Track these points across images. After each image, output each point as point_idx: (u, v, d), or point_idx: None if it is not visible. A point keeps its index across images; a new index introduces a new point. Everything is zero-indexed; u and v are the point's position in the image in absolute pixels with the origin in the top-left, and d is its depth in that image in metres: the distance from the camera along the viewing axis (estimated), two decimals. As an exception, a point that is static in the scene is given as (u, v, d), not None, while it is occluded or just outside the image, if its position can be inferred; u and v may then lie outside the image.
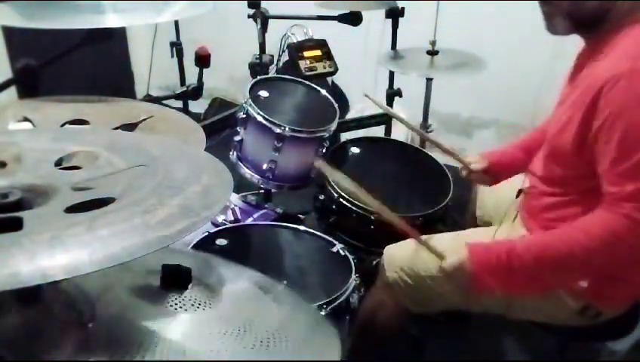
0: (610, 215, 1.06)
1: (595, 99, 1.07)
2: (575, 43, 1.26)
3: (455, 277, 1.18)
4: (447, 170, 1.85)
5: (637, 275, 1.22)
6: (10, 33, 2.54)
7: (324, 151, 1.78)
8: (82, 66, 2.02)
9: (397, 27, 2.25)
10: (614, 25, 1.13)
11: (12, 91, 1.27)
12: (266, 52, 2.09)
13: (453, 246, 1.21)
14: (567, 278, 1.21)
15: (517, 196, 1.41)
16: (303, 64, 2.06)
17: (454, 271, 1.17)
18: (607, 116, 1.06)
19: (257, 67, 2.02)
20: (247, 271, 0.91)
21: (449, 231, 1.45)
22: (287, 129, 1.64)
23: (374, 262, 1.53)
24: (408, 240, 1.42)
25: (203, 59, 1.77)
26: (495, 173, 1.53)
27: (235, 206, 1.86)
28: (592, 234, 1.08)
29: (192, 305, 0.73)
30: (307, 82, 1.91)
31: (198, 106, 2.90)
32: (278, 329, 0.72)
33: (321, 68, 2.09)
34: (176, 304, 0.73)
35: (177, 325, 0.69)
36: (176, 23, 2.76)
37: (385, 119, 2.41)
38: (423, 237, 1.26)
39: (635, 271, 1.21)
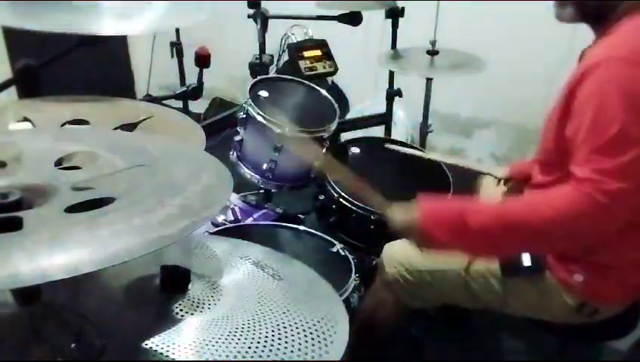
0: (574, 191, 1.05)
1: (576, 86, 1.09)
2: (578, 43, 1.27)
3: (406, 230, 1.17)
4: (447, 170, 1.85)
5: (632, 272, 1.22)
6: (10, 33, 2.54)
7: (324, 151, 1.78)
8: (82, 66, 2.01)
9: (397, 27, 2.25)
10: (620, 18, 1.14)
11: (12, 91, 1.26)
12: (266, 52, 2.09)
13: None
14: (523, 245, 1.17)
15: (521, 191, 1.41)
16: (303, 64, 2.06)
17: (405, 225, 1.16)
18: (582, 101, 1.07)
19: (257, 67, 2.02)
20: (240, 248, 0.92)
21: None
22: (287, 129, 1.64)
23: (374, 262, 1.53)
24: None
25: (203, 59, 1.77)
26: (517, 181, 1.55)
27: (235, 206, 1.86)
28: (555, 205, 1.06)
29: (197, 307, 0.74)
30: (307, 82, 1.91)
31: (198, 106, 2.90)
32: (284, 309, 0.73)
33: (321, 68, 2.09)
34: (180, 309, 0.73)
35: (187, 335, 0.69)
36: (176, 22, 2.76)
37: (385, 119, 2.41)
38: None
39: (630, 268, 1.21)
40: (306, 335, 0.70)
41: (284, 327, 0.71)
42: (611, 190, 1.00)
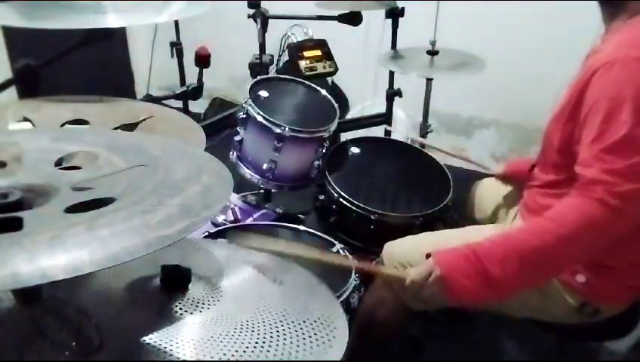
0: (582, 200, 1.02)
1: (587, 83, 1.08)
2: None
3: (427, 286, 1.13)
4: (447, 170, 1.85)
5: (634, 273, 1.22)
6: (10, 33, 2.54)
7: (324, 151, 1.78)
8: (82, 66, 2.02)
9: (397, 27, 2.25)
10: (637, 10, 1.12)
11: (12, 91, 1.26)
12: (266, 52, 2.09)
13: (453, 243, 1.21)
14: (548, 270, 1.13)
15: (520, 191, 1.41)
16: (303, 64, 2.06)
17: (424, 281, 1.13)
18: (594, 100, 1.05)
19: (257, 67, 2.02)
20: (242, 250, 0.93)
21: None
22: (287, 129, 1.64)
23: (374, 262, 1.53)
24: (408, 236, 1.43)
25: (203, 59, 1.78)
26: (513, 178, 1.56)
27: (235, 206, 1.86)
28: (565, 222, 1.03)
29: (197, 306, 0.74)
30: (307, 82, 1.91)
31: (198, 106, 2.91)
32: (284, 310, 0.74)
33: (321, 68, 2.09)
34: (180, 308, 0.73)
35: (185, 333, 0.69)
36: (176, 22, 2.76)
37: (385, 119, 2.41)
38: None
39: (632, 269, 1.21)
40: (305, 337, 0.70)
41: (284, 327, 0.71)
42: (623, 191, 0.99)
